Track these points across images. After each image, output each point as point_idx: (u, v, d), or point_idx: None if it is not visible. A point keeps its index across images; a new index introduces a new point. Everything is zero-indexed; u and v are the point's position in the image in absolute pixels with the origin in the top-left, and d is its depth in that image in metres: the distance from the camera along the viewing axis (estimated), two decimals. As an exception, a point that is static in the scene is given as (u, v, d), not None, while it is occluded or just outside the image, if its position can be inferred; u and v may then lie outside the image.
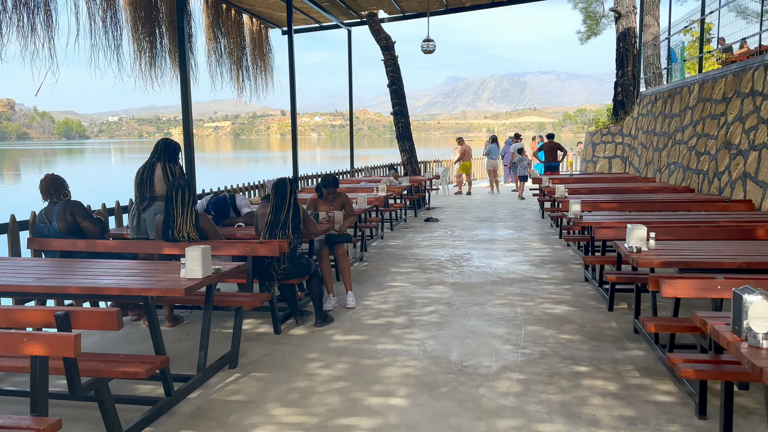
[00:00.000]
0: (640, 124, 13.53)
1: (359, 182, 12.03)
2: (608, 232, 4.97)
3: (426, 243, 9.49)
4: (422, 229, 11.04)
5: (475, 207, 14.28)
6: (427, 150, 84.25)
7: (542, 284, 6.62)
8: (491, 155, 17.66)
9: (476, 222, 11.73)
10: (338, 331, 5.05)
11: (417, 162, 14.59)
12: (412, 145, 14.45)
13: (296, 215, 4.90)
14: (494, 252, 8.61)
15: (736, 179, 7.59)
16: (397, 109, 14.30)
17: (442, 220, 12.18)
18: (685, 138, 9.98)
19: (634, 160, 13.60)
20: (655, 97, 12.39)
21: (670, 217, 5.89)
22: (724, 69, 8.55)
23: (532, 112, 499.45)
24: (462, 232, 10.56)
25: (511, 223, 11.54)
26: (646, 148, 12.55)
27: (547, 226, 10.97)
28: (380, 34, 14.08)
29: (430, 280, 6.89)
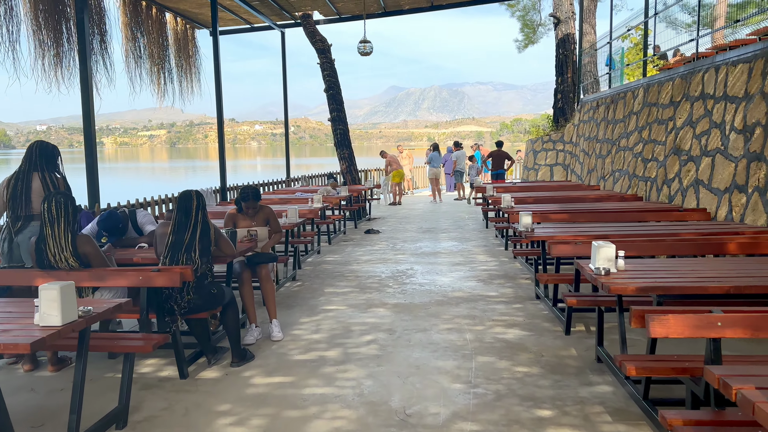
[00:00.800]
0: (581, 130, 13.33)
1: (295, 192, 11.23)
2: (565, 248, 4.41)
3: (366, 258, 8.79)
4: (362, 242, 10.34)
5: (417, 217, 13.71)
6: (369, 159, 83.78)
7: (491, 303, 6.02)
8: (433, 163, 17.19)
9: (419, 233, 11.13)
10: (259, 372, 4.25)
11: (357, 171, 13.90)
12: (351, 152, 13.77)
13: (205, 235, 4.09)
14: (439, 266, 8.00)
15: (687, 186, 7.27)
16: (335, 115, 13.59)
17: (383, 231, 11.51)
18: (630, 144, 9.71)
19: (576, 168, 13.39)
20: (596, 103, 12.18)
21: (628, 229, 5.42)
22: (671, 72, 8.29)
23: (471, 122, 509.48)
24: (404, 244, 9.93)
25: (454, 233, 11.00)
26: (589, 155, 12.32)
27: (491, 237, 10.48)
28: (315, 36, 13.35)
29: (370, 302, 6.18)
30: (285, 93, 14.68)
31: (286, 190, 12.15)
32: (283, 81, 14.66)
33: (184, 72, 13.61)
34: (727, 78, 6.60)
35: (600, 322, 4.21)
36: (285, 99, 14.72)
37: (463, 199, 17.81)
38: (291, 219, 6.64)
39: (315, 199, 8.50)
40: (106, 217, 4.92)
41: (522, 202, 8.41)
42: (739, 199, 6.00)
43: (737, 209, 6.03)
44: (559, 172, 14.31)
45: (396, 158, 17.53)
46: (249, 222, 5.31)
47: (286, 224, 6.56)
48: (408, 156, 20.16)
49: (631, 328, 2.96)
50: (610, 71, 12.25)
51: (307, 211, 7.79)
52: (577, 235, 5.10)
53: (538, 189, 10.92)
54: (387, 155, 17.54)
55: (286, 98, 14.73)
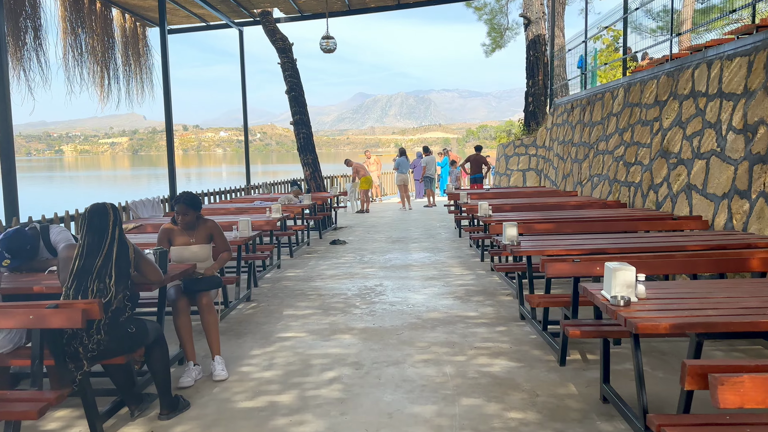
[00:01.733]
0: (555, 134, 12.82)
1: (253, 201, 10.38)
2: (562, 267, 3.72)
3: (331, 272, 8.01)
4: (327, 254, 9.55)
5: (386, 225, 12.98)
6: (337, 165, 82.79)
7: (472, 326, 5.32)
8: (400, 169, 16.51)
9: (388, 244, 10.40)
10: (193, 426, 3.43)
11: (322, 177, 13.11)
12: (315, 158, 12.97)
13: (123, 258, 3.27)
14: (411, 282, 7.27)
15: (678, 192, 6.71)
16: (298, 118, 12.79)
17: (350, 242, 10.74)
18: (609, 147, 9.17)
19: (549, 173, 12.87)
20: (571, 106, 11.68)
21: (625, 241, 4.78)
22: (656, 70, 7.77)
23: (438, 128, 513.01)
24: (373, 256, 9.18)
25: (426, 243, 10.30)
26: (563, 159, 11.80)
27: (465, 247, 9.82)
28: (276, 35, 12.55)
29: (334, 327, 5.41)
30: (244, 95, 13.82)
31: (245, 198, 11.28)
32: (241, 82, 13.80)
33: (134, 73, 12.66)
34: (722, 73, 6.06)
35: (606, 356, 3.53)
36: (244, 101, 13.85)
37: (433, 206, 17.17)
38: (243, 232, 5.83)
39: (273, 209, 7.69)
40: (10, 236, 4.04)
41: (499, 210, 7.75)
42: (741, 206, 5.44)
43: (738, 217, 5.47)
44: (532, 177, 13.79)
45: (362, 165, 16.91)
46: (187, 238, 4.48)
47: (237, 239, 5.75)
48: (376, 162, 19.45)
49: (683, 388, 2.26)
50: (584, 72, 11.77)
51: (263, 222, 6.97)
52: (570, 250, 4.43)
53: (513, 195, 10.31)
54: (352, 163, 16.88)
55: (245, 100, 13.86)
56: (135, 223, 6.87)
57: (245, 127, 14.01)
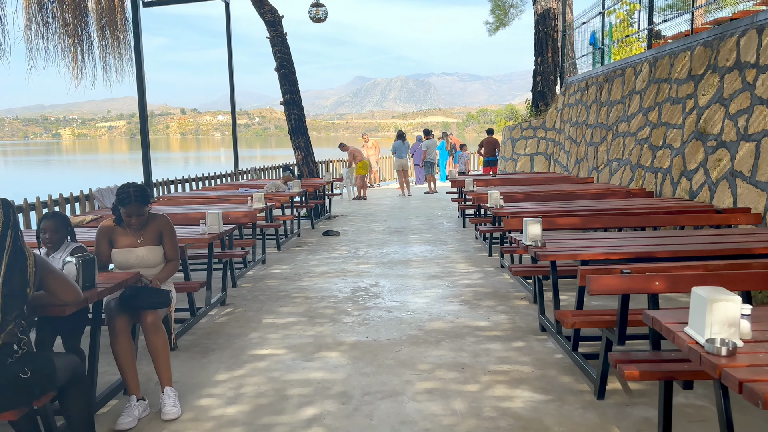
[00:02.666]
0: (566, 115, 11.89)
1: (238, 188, 9.49)
2: (610, 281, 2.85)
3: (321, 269, 7.15)
4: (319, 246, 8.68)
5: (384, 214, 12.10)
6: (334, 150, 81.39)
7: (483, 340, 4.46)
8: (398, 153, 15.58)
9: (386, 235, 9.52)
10: (122, 496, 2.58)
11: (315, 162, 12.20)
12: (308, 141, 12.04)
13: (16, 274, 2.39)
14: (410, 281, 6.41)
15: (718, 179, 5.82)
16: (288, 98, 11.84)
17: (344, 233, 9.87)
18: (632, 129, 8.27)
19: (560, 157, 11.96)
20: (585, 84, 10.74)
21: (675, 241, 3.90)
22: (689, 40, 6.83)
23: (438, 112, 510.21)
24: (369, 249, 8.31)
25: (427, 235, 9.43)
26: (576, 143, 10.89)
27: (470, 239, 8.95)
28: (264, 6, 11.55)
29: (320, 340, 4.55)
30: (231, 74, 12.86)
31: (230, 185, 10.38)
32: (228, 60, 12.83)
33: (111, 49, 11.68)
34: (778, 40, 5.15)
35: (667, 402, 2.66)
36: (231, 81, 12.89)
37: (434, 192, 16.28)
38: (212, 227, 4.94)
39: (255, 198, 6.80)
40: None
41: (511, 200, 6.88)
42: (805, 197, 4.56)
43: (801, 210, 4.59)
44: (540, 162, 12.89)
45: (359, 150, 15.92)
46: (133, 239, 3.59)
47: (204, 235, 4.87)
48: (374, 146, 18.48)
49: None
50: (601, 47, 10.81)
51: (242, 214, 6.09)
52: (609, 253, 3.56)
53: (523, 182, 9.42)
54: (348, 148, 15.92)
55: (231, 80, 12.90)
56: (94, 215, 5.99)
57: (233, 109, 13.07)
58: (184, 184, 10.36)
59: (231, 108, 13.11)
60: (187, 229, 5.24)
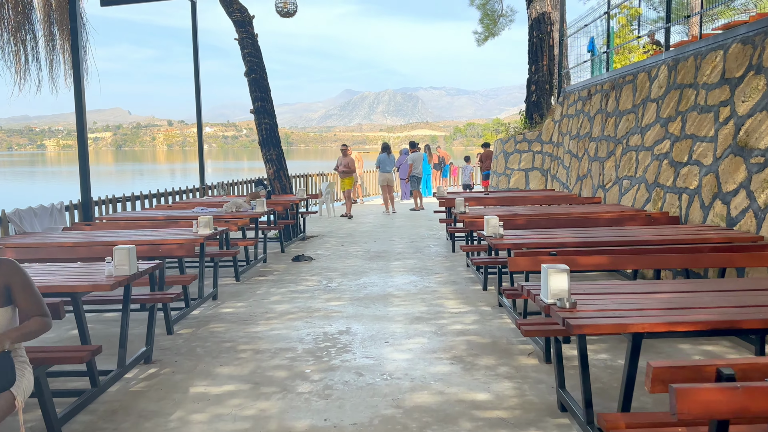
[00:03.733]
0: (565, 127, 10.82)
1: (194, 207, 8.26)
2: (712, 398, 1.67)
3: (283, 307, 5.94)
4: (286, 276, 7.47)
5: (364, 234, 10.91)
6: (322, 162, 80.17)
7: (484, 427, 3.27)
8: (383, 167, 14.42)
9: (365, 261, 8.33)
10: None
11: (288, 176, 11.00)
12: (280, 153, 10.87)
13: None
14: (390, 326, 5.22)
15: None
16: (259, 106, 10.67)
17: (318, 257, 8.67)
18: (647, 142, 7.18)
19: (559, 174, 10.87)
20: (588, 92, 9.68)
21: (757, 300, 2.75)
22: (721, 37, 5.76)
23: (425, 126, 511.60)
24: (343, 280, 7.11)
25: (412, 261, 8.25)
26: (578, 157, 9.80)
27: (460, 266, 7.79)
28: (233, 5, 10.42)
29: (260, 427, 3.34)
30: (197, 77, 11.66)
31: (187, 203, 9.14)
32: (194, 64, 11.65)
33: (61, 50, 10.45)
34: None
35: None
36: (197, 84, 11.69)
37: (420, 209, 15.14)
38: (120, 269, 3.70)
39: (201, 223, 5.57)
40: None
41: (510, 225, 5.73)
42: None
43: None
44: (536, 178, 11.79)
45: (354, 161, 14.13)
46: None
47: (110, 277, 3.63)
48: (357, 158, 17.31)
49: None
50: (606, 52, 9.77)
51: (176, 244, 4.86)
52: (673, 323, 2.39)
53: (521, 201, 8.30)
54: (350, 152, 14.05)
55: (197, 84, 11.70)
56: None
57: (198, 116, 11.85)
58: (134, 202, 9.10)
59: (197, 116, 11.89)
60: (95, 268, 4.00)
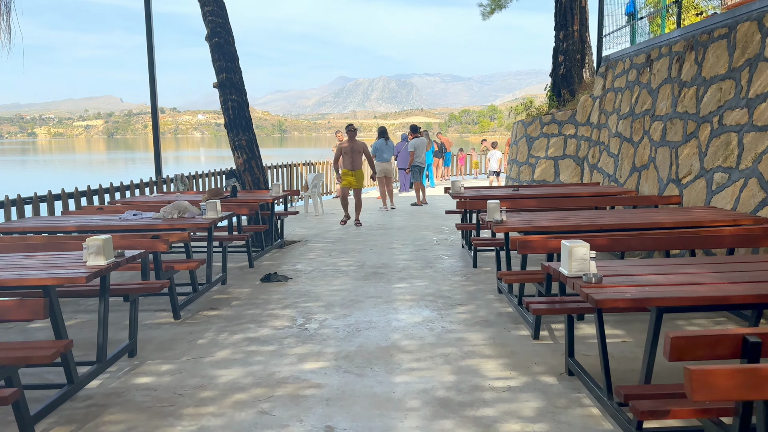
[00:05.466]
0: (610, 104, 8.66)
1: (125, 211, 6.05)
2: None
3: (229, 375, 3.81)
4: (247, 308, 5.32)
5: (358, 239, 8.75)
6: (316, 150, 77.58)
7: None
8: (380, 155, 12.24)
9: (358, 281, 6.19)
10: None
11: (261, 168, 8.80)
12: (252, 138, 8.65)
13: None
14: (399, 424, 3.08)
15: None
16: (224, 78, 8.45)
17: (296, 275, 6.53)
18: (760, 120, 5.01)
19: (603, 163, 8.71)
20: (646, 58, 7.50)
21: None
22: None
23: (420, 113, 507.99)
24: (327, 317, 4.98)
25: (421, 282, 6.11)
26: (633, 142, 7.65)
27: (488, 290, 5.66)
28: (188, -52, 8.15)
29: None
30: (151, 57, 9.39)
31: (125, 202, 6.93)
32: (147, 42, 9.38)
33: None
34: None
35: None
36: (151, 68, 9.42)
37: (423, 204, 12.99)
38: None
39: (91, 249, 3.39)
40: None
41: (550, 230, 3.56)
42: None
43: None
44: (569, 168, 9.64)
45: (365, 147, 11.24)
46: None
47: None
48: (349, 146, 15.06)
49: None
50: (665, 7, 7.58)
51: (11, 304, 2.67)
52: None
53: (568, 202, 6.15)
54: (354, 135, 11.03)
55: (152, 67, 9.43)
56: None
57: (153, 99, 9.58)
58: (53, 203, 6.86)
59: (152, 101, 9.63)
60: None
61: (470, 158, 23.00)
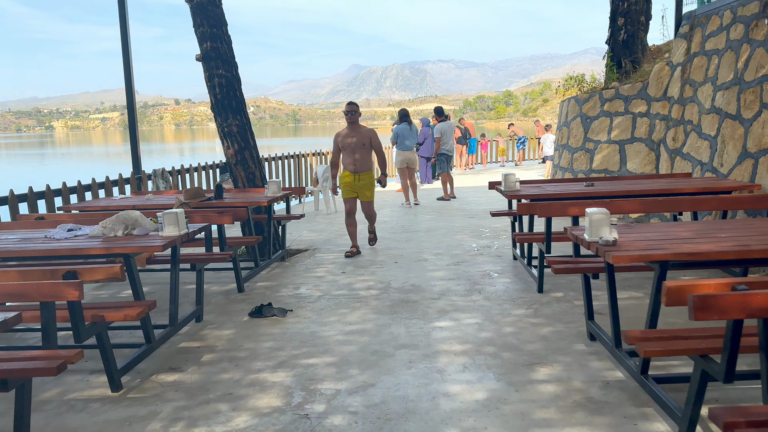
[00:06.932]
0: (699, 72, 6.79)
1: (57, 224, 4.34)
2: None
3: None
4: (220, 371, 3.62)
5: (379, 247, 7.00)
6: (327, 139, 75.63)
7: None
8: (402, 142, 10.47)
9: (381, 315, 4.45)
10: None
11: (258, 160, 7.05)
12: (244, 123, 6.90)
13: None
14: None
15: None
16: (209, 48, 6.71)
17: (298, 305, 4.82)
18: None
19: (691, 147, 6.85)
20: (763, 5, 5.60)
21: None
22: None
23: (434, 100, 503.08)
24: (337, 388, 3.25)
25: (472, 319, 4.36)
26: (742, 120, 5.78)
27: (573, 335, 3.89)
28: None
29: None
30: (126, 45, 7.66)
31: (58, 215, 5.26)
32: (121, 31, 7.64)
33: None
34: None
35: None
36: (126, 55, 7.70)
37: (451, 198, 11.23)
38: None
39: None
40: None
41: None
42: None
43: None
44: (639, 154, 7.77)
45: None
46: None
47: None
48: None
49: None
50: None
51: None
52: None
53: (684, 203, 4.34)
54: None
55: (127, 53, 7.71)
56: None
57: (128, 88, 7.85)
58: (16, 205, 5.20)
59: (126, 91, 7.91)
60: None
61: (496, 144, 21.11)
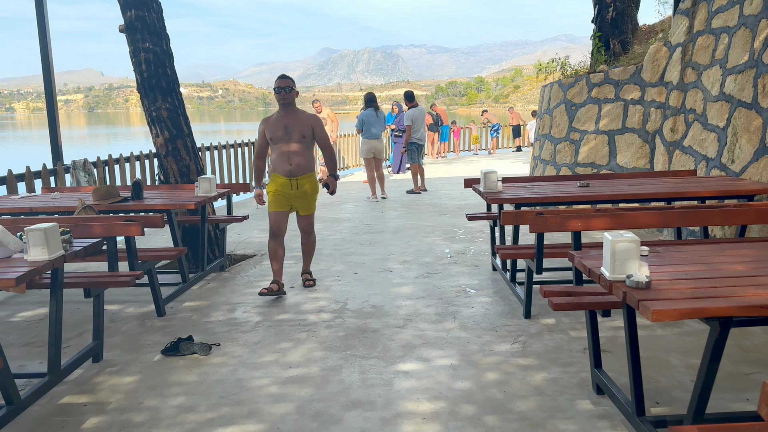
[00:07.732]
0: (704, 53, 5.94)
1: None
2: None
3: None
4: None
5: (336, 252, 6.02)
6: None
7: None
8: (367, 130, 9.47)
9: (331, 352, 3.47)
10: None
11: (192, 149, 5.97)
12: (176, 107, 5.80)
13: None
14: None
15: None
16: (133, 17, 5.59)
17: (227, 337, 3.83)
18: None
19: (694, 140, 6.02)
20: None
21: None
22: None
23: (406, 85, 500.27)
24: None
25: (445, 359, 3.43)
26: (759, 108, 4.95)
27: (575, 386, 2.99)
28: None
29: None
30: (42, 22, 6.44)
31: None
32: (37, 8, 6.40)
33: None
34: None
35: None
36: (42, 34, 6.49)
37: (422, 191, 10.30)
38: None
39: None
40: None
41: None
42: None
43: None
44: (631, 146, 6.93)
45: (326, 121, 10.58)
46: None
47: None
48: (330, 118, 12.21)
49: None
50: None
51: None
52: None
53: (708, 216, 3.46)
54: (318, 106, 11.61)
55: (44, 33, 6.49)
56: None
57: (46, 72, 6.64)
58: None
59: (44, 75, 6.69)
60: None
61: (469, 132, 20.22)
